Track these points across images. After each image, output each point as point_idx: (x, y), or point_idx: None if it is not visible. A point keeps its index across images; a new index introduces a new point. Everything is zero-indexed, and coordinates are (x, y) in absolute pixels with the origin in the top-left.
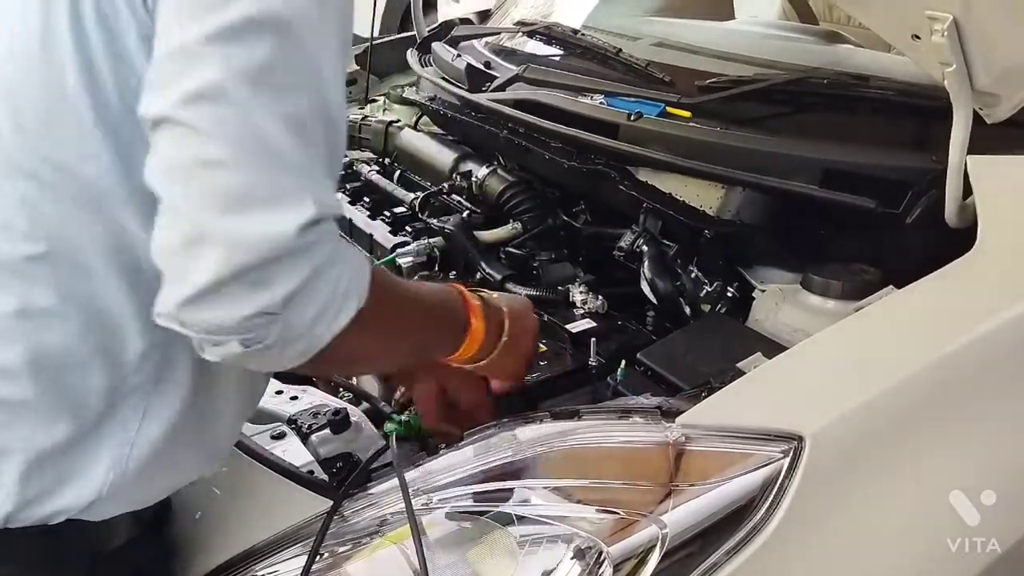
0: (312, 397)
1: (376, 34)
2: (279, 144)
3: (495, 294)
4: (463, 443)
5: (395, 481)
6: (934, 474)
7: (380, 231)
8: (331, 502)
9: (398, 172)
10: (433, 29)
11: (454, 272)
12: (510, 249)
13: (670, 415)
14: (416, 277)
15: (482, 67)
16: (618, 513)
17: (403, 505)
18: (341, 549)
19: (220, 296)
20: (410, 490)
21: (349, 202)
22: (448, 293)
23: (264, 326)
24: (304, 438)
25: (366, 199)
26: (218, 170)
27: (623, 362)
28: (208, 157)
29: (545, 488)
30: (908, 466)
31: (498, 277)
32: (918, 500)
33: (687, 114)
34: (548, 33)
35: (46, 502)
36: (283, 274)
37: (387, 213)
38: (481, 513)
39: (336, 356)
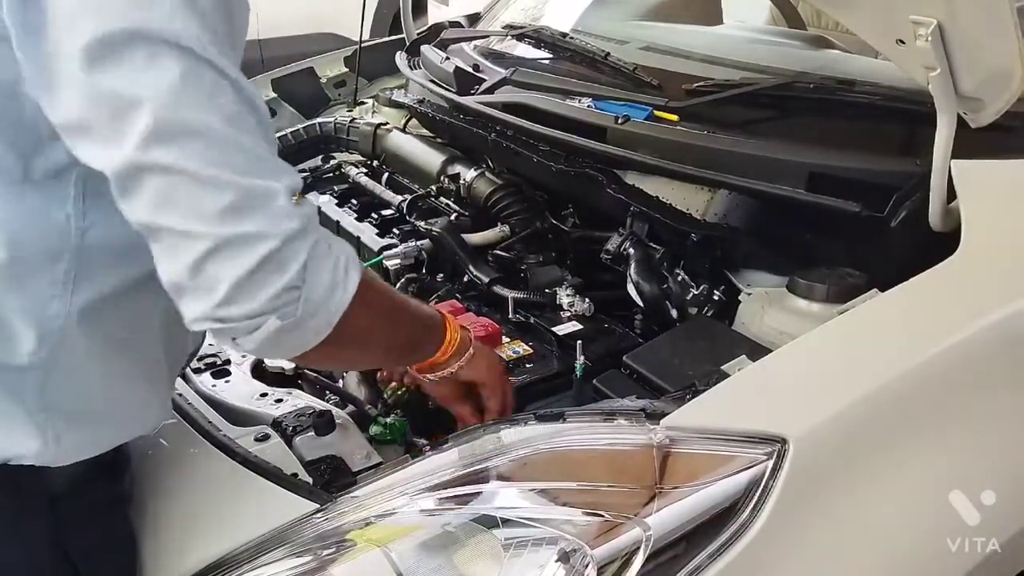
0: (297, 400)
1: (366, 37)
2: (237, 145)
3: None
4: (448, 445)
5: (380, 483)
6: (933, 474)
7: (368, 233)
8: (315, 505)
9: (386, 174)
10: (422, 32)
11: (441, 275)
12: (498, 252)
13: (655, 417)
14: (404, 279)
15: (471, 70)
16: (603, 516)
17: (387, 507)
18: (326, 552)
19: (247, 289)
20: (395, 491)
21: (337, 204)
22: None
23: (292, 301)
24: (288, 440)
25: (354, 201)
26: (202, 191)
27: (582, 357)
28: (187, 185)
29: (531, 490)
30: (901, 466)
31: (485, 280)
32: (915, 500)
33: (674, 118)
34: (537, 36)
35: None
36: (293, 252)
37: (375, 215)
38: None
39: (347, 333)
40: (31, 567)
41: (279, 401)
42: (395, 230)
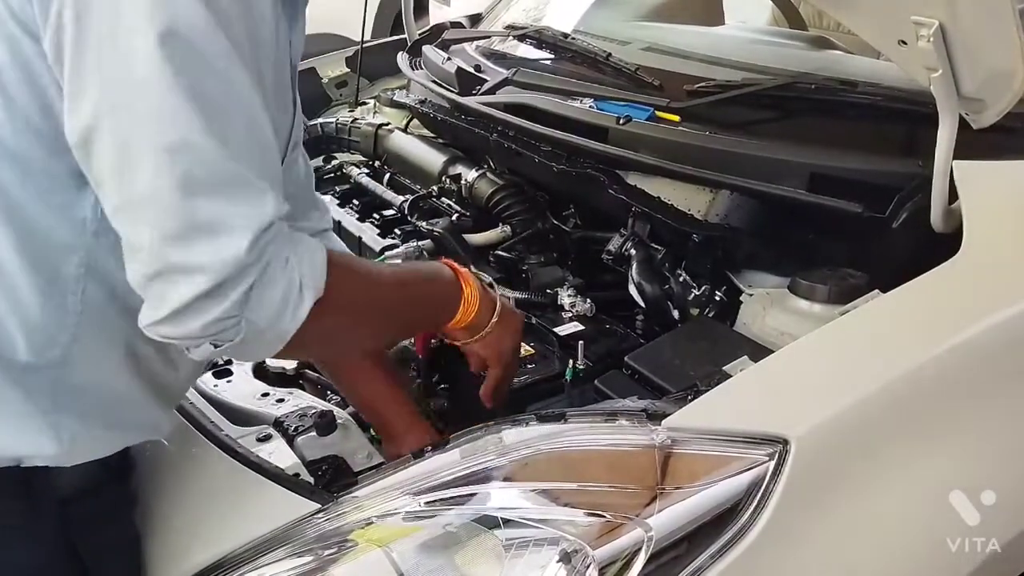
0: (298, 400)
1: (368, 37)
2: (212, 173)
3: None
4: (449, 445)
5: (381, 483)
6: (933, 474)
7: (369, 234)
8: (316, 505)
9: (388, 175)
10: (424, 32)
11: None
12: (499, 252)
13: (656, 418)
14: None
15: (472, 70)
16: (604, 516)
17: (388, 507)
18: (327, 552)
19: (184, 315)
20: (396, 492)
21: (339, 204)
22: (437, 267)
23: (230, 328)
24: (290, 440)
25: (355, 201)
26: (157, 209)
27: (570, 362)
28: (146, 201)
29: (532, 491)
30: (902, 467)
31: (487, 280)
32: (916, 500)
33: (676, 118)
34: (538, 37)
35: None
36: (234, 286)
37: (376, 216)
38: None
39: (311, 339)
40: (42, 569)
41: (280, 401)
42: (396, 230)
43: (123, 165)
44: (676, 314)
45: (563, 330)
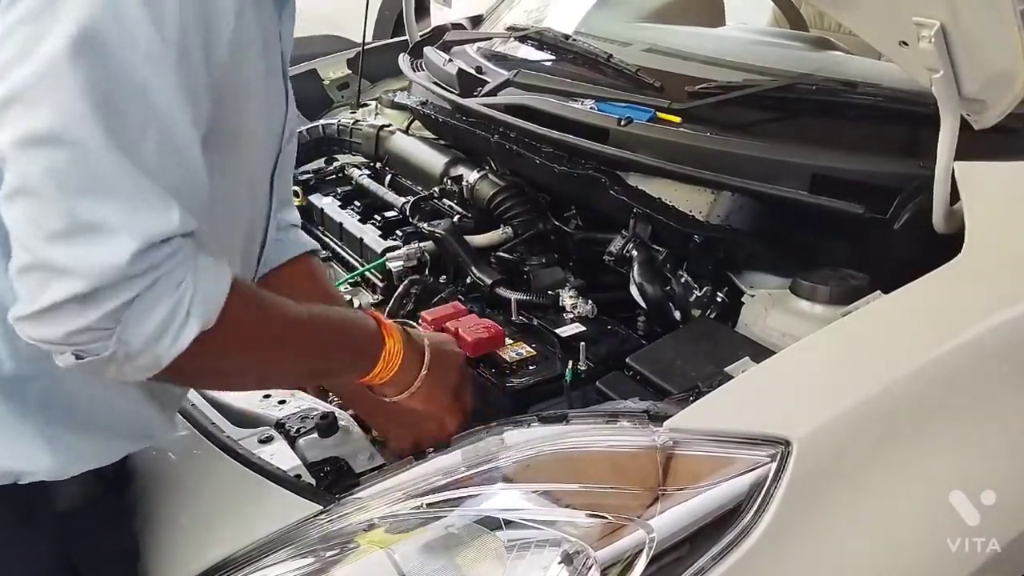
0: (300, 401)
1: (369, 39)
2: (105, 175)
3: (417, 328)
4: (451, 447)
5: (383, 485)
6: (934, 474)
7: (370, 235)
8: (318, 506)
9: (389, 176)
10: (425, 34)
11: (444, 277)
12: (500, 254)
13: (658, 419)
14: (407, 281)
15: (473, 72)
16: (606, 517)
17: (390, 509)
18: (329, 554)
19: (49, 316)
20: (398, 493)
21: (340, 206)
22: (361, 317)
23: (96, 341)
24: (292, 442)
25: (357, 203)
26: (41, 201)
27: (571, 363)
28: (31, 190)
29: (534, 492)
30: (903, 467)
31: (488, 281)
32: (916, 500)
33: (677, 119)
34: (539, 38)
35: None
36: (108, 296)
37: (378, 217)
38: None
39: (196, 371)
40: None
41: (282, 403)
42: (398, 232)
43: (18, 152)
44: (678, 315)
45: (565, 331)
